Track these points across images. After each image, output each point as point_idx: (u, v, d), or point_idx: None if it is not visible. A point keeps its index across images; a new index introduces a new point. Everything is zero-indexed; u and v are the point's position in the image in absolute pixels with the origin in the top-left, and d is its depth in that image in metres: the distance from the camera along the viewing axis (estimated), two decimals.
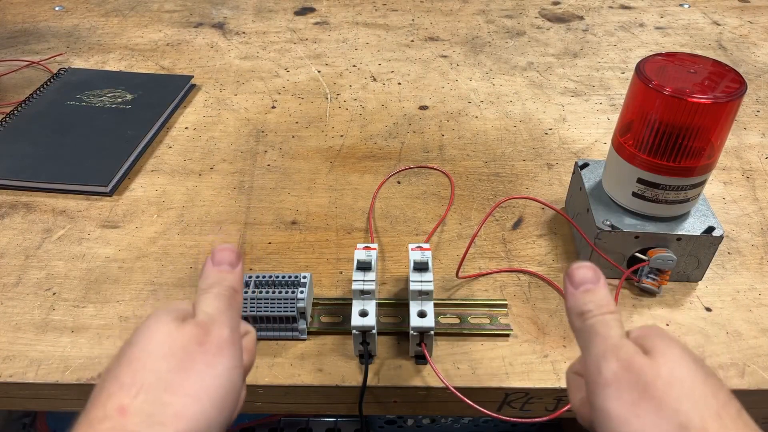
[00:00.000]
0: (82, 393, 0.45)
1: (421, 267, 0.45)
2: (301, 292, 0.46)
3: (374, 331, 0.43)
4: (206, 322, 0.30)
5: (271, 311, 0.45)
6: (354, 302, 0.44)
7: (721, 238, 0.49)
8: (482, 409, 0.43)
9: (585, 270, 0.33)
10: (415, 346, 0.44)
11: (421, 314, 0.44)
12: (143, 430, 0.25)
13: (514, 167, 0.67)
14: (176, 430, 0.25)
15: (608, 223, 0.50)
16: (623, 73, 0.85)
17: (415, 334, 0.43)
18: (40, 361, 0.45)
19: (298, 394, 0.45)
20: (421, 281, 0.44)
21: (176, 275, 0.53)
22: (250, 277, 0.47)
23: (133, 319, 0.49)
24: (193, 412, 0.26)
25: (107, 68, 0.85)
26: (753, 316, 0.50)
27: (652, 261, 0.49)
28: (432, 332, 0.43)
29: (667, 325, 0.49)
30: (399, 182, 0.64)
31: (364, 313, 0.43)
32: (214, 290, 0.32)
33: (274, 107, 0.77)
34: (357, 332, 0.43)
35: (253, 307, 0.46)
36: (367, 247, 0.47)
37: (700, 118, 0.44)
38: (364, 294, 0.44)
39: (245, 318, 0.46)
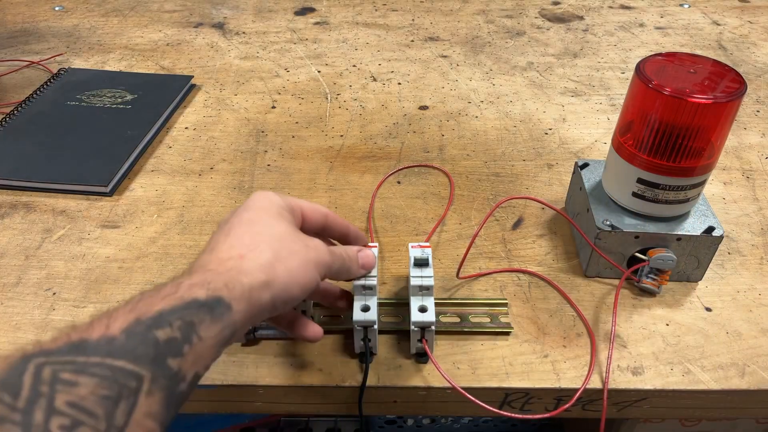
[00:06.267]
0: None
1: (421, 263, 0.45)
2: None
3: (376, 327, 0.43)
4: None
5: None
6: (356, 298, 0.44)
7: (721, 238, 0.49)
8: (484, 405, 0.43)
9: None
10: (416, 342, 0.44)
11: (422, 309, 0.44)
12: (254, 272, 0.34)
13: (514, 167, 0.67)
14: (272, 283, 0.35)
15: (608, 223, 0.50)
16: (623, 73, 0.85)
17: (416, 329, 0.43)
18: None
19: (298, 394, 0.45)
20: (422, 276, 0.44)
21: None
22: None
23: None
24: (286, 282, 0.36)
25: (107, 68, 0.85)
26: (753, 316, 0.50)
27: (652, 261, 0.49)
28: (433, 327, 0.43)
29: (667, 325, 0.49)
30: (399, 182, 0.64)
31: (366, 308, 0.43)
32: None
33: (274, 107, 0.77)
34: (359, 328, 0.43)
35: None
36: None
37: (700, 118, 0.44)
38: (365, 289, 0.44)
39: None
